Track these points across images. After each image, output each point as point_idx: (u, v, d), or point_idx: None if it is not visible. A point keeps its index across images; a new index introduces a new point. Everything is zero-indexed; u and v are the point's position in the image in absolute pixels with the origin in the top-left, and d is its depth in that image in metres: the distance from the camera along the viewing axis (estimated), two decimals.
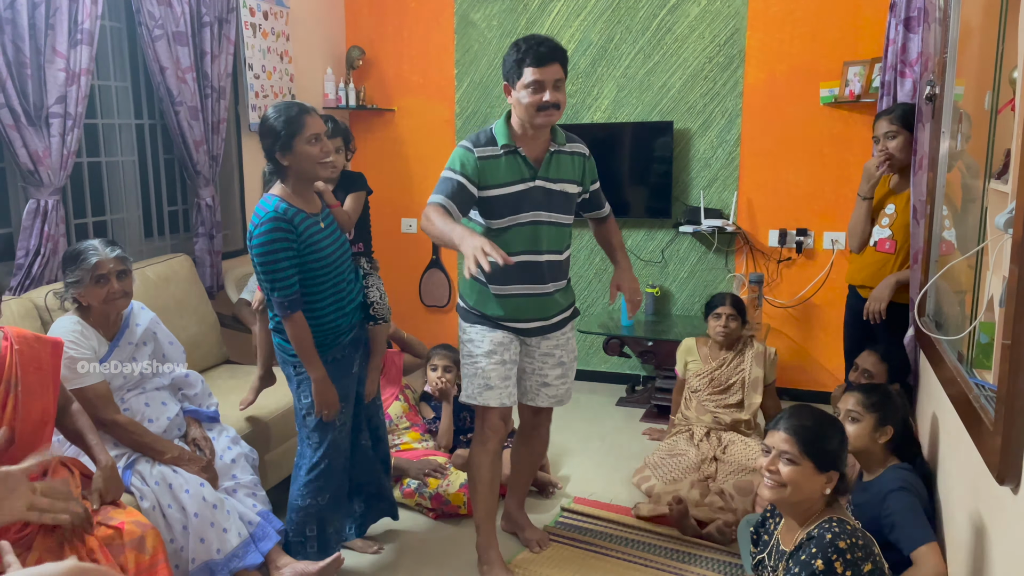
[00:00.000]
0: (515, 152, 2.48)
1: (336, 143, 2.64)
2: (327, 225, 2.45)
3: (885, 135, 3.10)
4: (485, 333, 2.57)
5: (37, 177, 2.91)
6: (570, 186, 2.57)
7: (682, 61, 4.33)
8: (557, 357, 2.70)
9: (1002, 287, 1.71)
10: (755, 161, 4.29)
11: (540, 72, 2.35)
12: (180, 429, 2.57)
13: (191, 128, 3.58)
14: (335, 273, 2.45)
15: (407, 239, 5.04)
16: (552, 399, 2.75)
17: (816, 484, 1.90)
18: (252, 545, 2.41)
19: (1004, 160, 1.87)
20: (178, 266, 3.43)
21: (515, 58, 2.39)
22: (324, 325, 2.45)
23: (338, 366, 2.50)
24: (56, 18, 2.89)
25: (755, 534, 2.16)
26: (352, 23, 4.98)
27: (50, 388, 2.09)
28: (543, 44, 2.37)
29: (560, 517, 3.12)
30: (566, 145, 2.57)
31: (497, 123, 2.52)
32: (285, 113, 2.30)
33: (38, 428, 2.05)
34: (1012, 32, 1.82)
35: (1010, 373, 1.55)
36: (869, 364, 2.87)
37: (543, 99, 2.36)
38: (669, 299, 4.59)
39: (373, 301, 2.72)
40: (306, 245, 2.34)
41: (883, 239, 3.20)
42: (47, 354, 2.10)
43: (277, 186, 2.39)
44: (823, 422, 1.95)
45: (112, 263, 2.39)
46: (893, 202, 3.18)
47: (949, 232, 2.56)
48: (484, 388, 2.56)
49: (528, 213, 2.50)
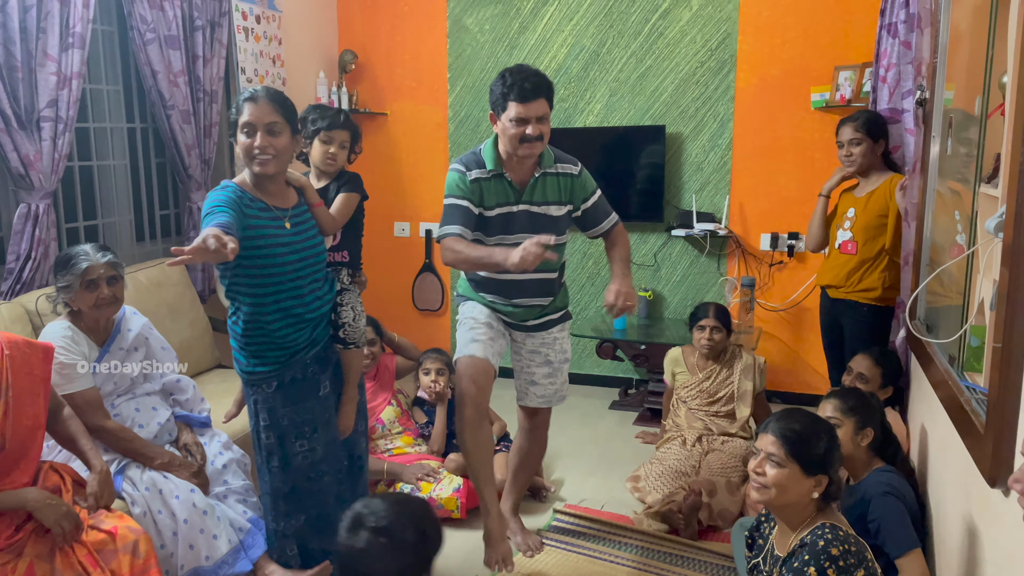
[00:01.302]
0: (501, 176, 2.54)
1: (343, 136, 2.43)
2: (296, 224, 2.24)
3: (850, 142, 3.22)
4: (480, 307, 2.68)
5: (28, 181, 2.90)
6: (555, 208, 2.60)
7: (674, 65, 4.35)
8: (543, 355, 2.74)
9: (993, 291, 1.72)
10: (747, 165, 4.31)
11: (524, 108, 2.39)
12: (171, 434, 2.55)
13: (183, 132, 3.57)
14: (290, 280, 2.21)
15: (400, 243, 5.04)
16: (541, 399, 2.78)
17: (803, 487, 1.90)
18: (242, 552, 2.39)
19: (994, 164, 1.88)
20: (170, 270, 3.42)
21: (501, 91, 2.42)
22: (271, 337, 2.24)
23: (299, 387, 2.28)
24: (48, 22, 2.88)
25: (750, 538, 2.17)
26: (345, 27, 4.98)
27: (41, 394, 2.08)
28: (528, 80, 2.39)
29: (553, 520, 3.11)
30: (554, 166, 2.60)
31: (485, 146, 2.56)
32: (239, 98, 2.17)
33: (29, 434, 2.03)
34: (1002, 37, 1.83)
35: (1001, 376, 1.56)
36: (863, 368, 2.88)
37: (526, 132, 2.41)
38: (661, 303, 4.59)
39: (344, 323, 2.41)
40: (251, 237, 2.12)
41: (845, 241, 3.31)
42: (38, 359, 2.09)
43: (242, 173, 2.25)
44: (812, 425, 1.95)
45: (103, 268, 2.38)
46: (853, 205, 3.29)
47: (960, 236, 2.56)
48: (471, 341, 2.61)
49: (515, 235, 2.53)
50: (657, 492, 3.10)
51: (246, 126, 2.13)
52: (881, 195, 3.16)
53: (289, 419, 2.30)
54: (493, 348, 2.62)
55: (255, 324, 2.23)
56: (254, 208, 2.17)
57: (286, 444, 2.31)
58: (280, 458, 2.32)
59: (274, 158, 2.16)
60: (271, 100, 2.16)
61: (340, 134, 2.43)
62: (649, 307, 4.53)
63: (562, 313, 2.77)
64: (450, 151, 4.86)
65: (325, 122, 2.39)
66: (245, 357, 2.30)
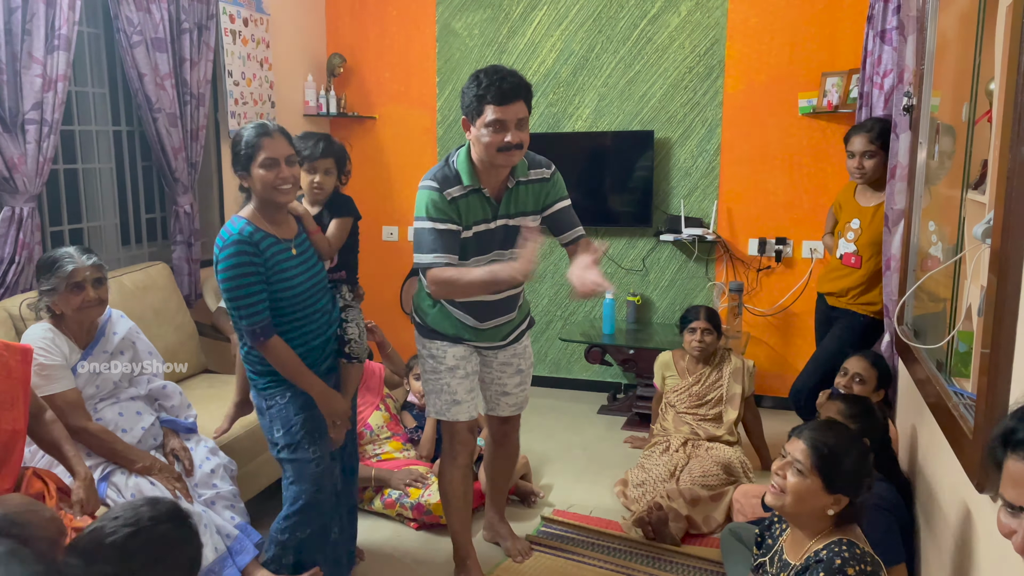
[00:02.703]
0: (479, 191, 2.35)
1: (326, 164, 2.45)
2: (300, 252, 2.30)
3: (863, 154, 3.15)
4: (446, 348, 2.52)
5: (12, 184, 2.87)
6: (532, 219, 2.47)
7: (663, 71, 4.36)
8: (515, 366, 2.69)
9: (980, 296, 1.73)
10: (735, 170, 4.32)
11: (502, 111, 2.18)
12: (156, 439, 2.53)
13: (169, 135, 3.55)
14: (305, 305, 2.29)
15: (387, 247, 5.02)
16: (512, 407, 2.76)
17: (819, 502, 1.84)
18: (229, 559, 2.37)
19: (981, 171, 1.89)
20: (156, 274, 3.39)
21: (475, 93, 2.21)
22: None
23: (308, 396, 2.33)
24: (33, 23, 2.85)
25: (759, 536, 2.14)
26: (333, 30, 4.97)
27: (20, 398, 2.04)
28: (506, 80, 2.19)
29: (542, 526, 3.10)
30: (528, 174, 2.43)
31: (459, 158, 2.35)
32: (249, 133, 2.18)
33: (9, 440, 2.00)
34: (989, 44, 1.84)
35: (989, 381, 1.56)
36: (860, 368, 2.86)
37: (504, 139, 2.21)
38: (650, 307, 4.60)
39: (351, 339, 2.48)
40: (273, 272, 2.20)
41: (848, 254, 3.28)
42: (16, 362, 2.05)
43: (247, 207, 2.26)
44: (847, 444, 1.87)
45: (88, 271, 2.35)
46: (859, 216, 3.24)
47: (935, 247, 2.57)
48: (452, 404, 2.54)
49: (491, 253, 2.43)
50: (638, 502, 3.11)
51: (268, 160, 2.16)
52: None
53: (303, 426, 2.32)
54: (474, 402, 2.58)
55: None
56: (265, 244, 2.20)
57: (299, 452, 2.33)
58: (295, 468, 2.35)
59: (294, 187, 2.24)
60: (282, 133, 2.23)
61: (323, 163, 2.45)
62: (637, 312, 4.53)
63: (528, 321, 2.72)
64: (438, 155, 4.85)
65: (306, 153, 2.42)
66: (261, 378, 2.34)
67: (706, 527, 3.01)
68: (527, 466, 3.39)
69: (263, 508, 2.89)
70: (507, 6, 4.57)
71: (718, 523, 3.03)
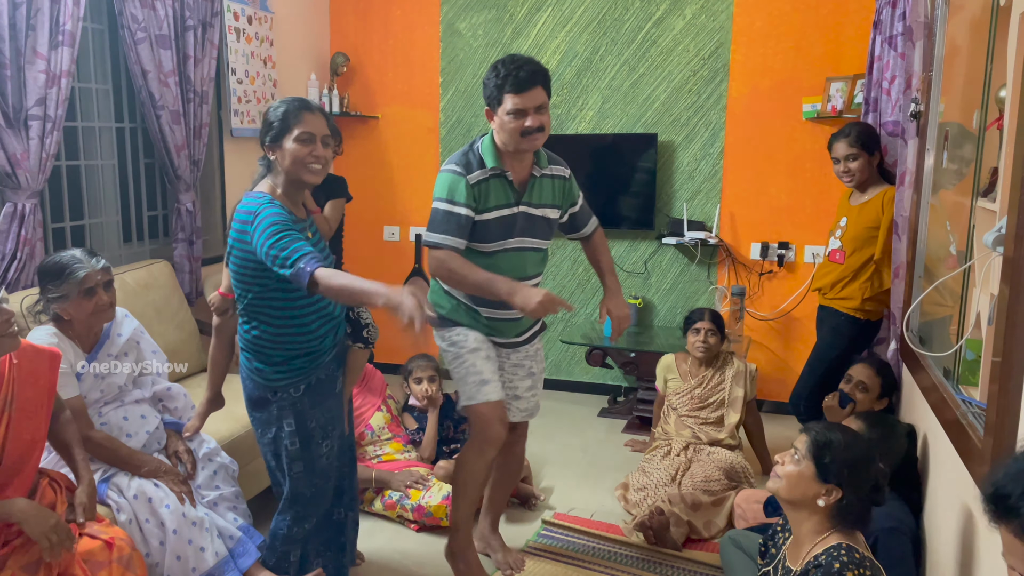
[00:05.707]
0: (502, 175, 2.41)
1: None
2: (313, 235, 2.27)
3: (846, 158, 3.21)
4: (466, 332, 2.52)
5: (15, 180, 2.85)
6: (551, 211, 2.53)
7: (667, 74, 4.35)
8: (527, 368, 2.68)
9: (990, 305, 1.72)
10: (738, 174, 4.31)
11: (521, 99, 2.27)
12: (160, 443, 2.50)
13: (172, 132, 3.53)
14: None
15: (389, 247, 5.00)
16: (523, 412, 2.73)
17: (810, 489, 1.88)
18: (231, 562, 2.34)
19: (991, 178, 1.89)
20: (157, 272, 3.38)
21: (495, 83, 2.30)
22: (310, 337, 2.21)
23: (321, 387, 2.26)
24: (37, 19, 2.84)
25: (763, 546, 2.15)
26: (337, 29, 4.95)
27: (44, 406, 2.00)
28: (523, 68, 2.27)
29: (543, 530, 3.09)
30: (549, 168, 2.52)
31: (484, 143, 2.42)
32: (291, 104, 2.11)
33: (27, 449, 1.97)
34: (1001, 51, 1.84)
35: (1000, 390, 1.55)
36: (864, 376, 2.85)
37: (525, 125, 2.30)
38: (651, 310, 4.59)
39: (367, 323, 2.40)
40: None
41: (834, 250, 3.35)
42: (45, 367, 2.00)
43: (264, 182, 2.16)
44: (849, 439, 1.91)
45: (100, 275, 2.30)
46: (847, 214, 3.31)
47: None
48: (481, 384, 2.47)
49: (515, 239, 2.46)
50: (639, 506, 3.10)
51: (305, 135, 2.08)
52: (873, 207, 3.17)
53: (315, 420, 2.24)
54: (499, 382, 2.53)
55: (286, 334, 2.17)
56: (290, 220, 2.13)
57: (311, 447, 2.25)
58: (305, 463, 2.25)
59: (323, 169, 2.16)
60: (323, 113, 2.17)
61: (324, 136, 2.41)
62: (639, 315, 4.52)
63: (541, 323, 2.73)
64: (441, 156, 4.84)
65: None
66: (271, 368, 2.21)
67: (707, 532, 3.01)
68: (528, 468, 3.37)
69: (263, 509, 2.88)
70: (511, 7, 4.56)
71: (719, 528, 3.02)
